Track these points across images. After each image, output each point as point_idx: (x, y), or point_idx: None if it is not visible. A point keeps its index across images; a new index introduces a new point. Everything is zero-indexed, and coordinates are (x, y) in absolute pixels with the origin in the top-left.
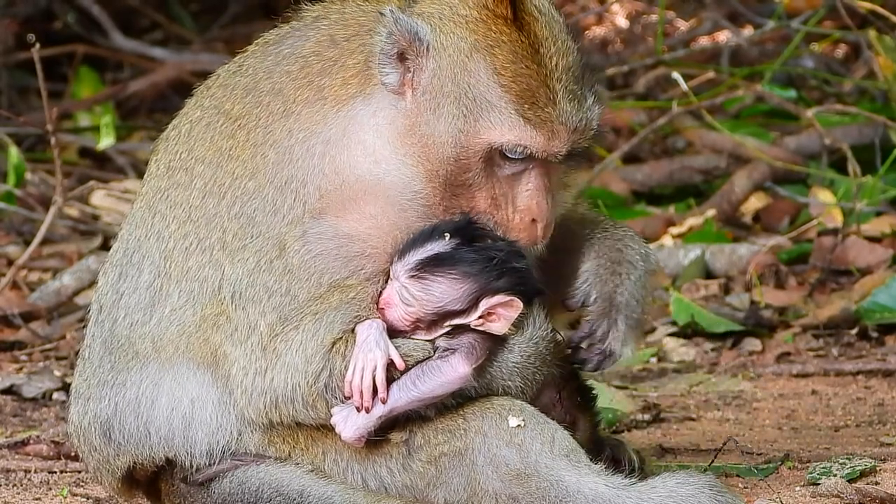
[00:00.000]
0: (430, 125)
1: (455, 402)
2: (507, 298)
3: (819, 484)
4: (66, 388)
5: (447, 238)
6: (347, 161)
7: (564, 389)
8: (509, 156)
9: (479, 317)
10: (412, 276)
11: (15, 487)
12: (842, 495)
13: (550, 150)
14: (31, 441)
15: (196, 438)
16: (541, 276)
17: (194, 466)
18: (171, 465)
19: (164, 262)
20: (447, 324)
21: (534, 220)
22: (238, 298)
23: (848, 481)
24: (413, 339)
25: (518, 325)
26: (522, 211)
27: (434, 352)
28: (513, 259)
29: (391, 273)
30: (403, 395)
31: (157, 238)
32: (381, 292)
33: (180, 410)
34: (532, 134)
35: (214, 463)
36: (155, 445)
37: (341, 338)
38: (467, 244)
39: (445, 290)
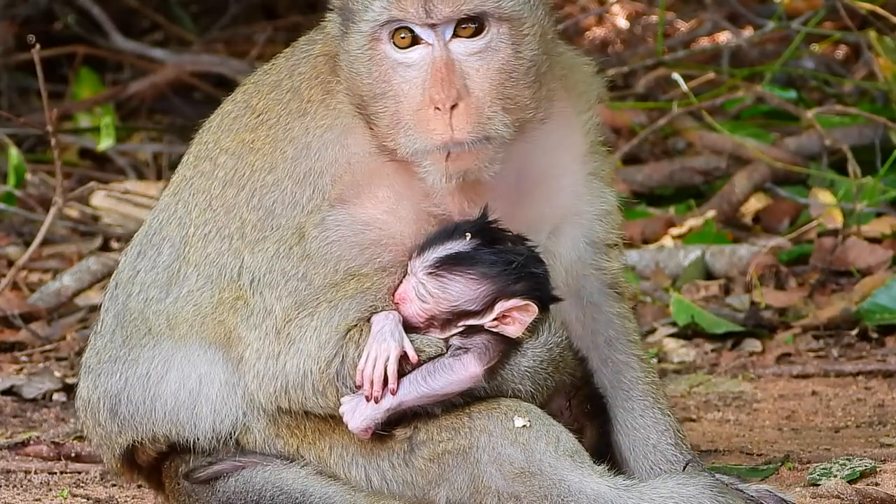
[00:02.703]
0: (344, 54)
1: (463, 401)
2: (524, 302)
3: (819, 485)
4: (66, 388)
5: (468, 238)
6: (359, 144)
7: (575, 397)
8: (393, 43)
9: (494, 319)
10: (430, 273)
11: (15, 488)
12: (842, 496)
13: (409, 9)
14: (32, 442)
15: (201, 415)
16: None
17: (198, 448)
18: (174, 453)
19: (184, 246)
20: (461, 323)
21: (437, 109)
22: (256, 284)
23: (848, 482)
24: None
25: (533, 329)
26: (422, 102)
27: (447, 349)
28: (531, 264)
29: (409, 268)
30: (413, 389)
31: (178, 224)
32: (397, 285)
33: (188, 386)
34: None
35: (218, 445)
36: (159, 420)
37: (356, 325)
38: (488, 245)
39: (462, 290)
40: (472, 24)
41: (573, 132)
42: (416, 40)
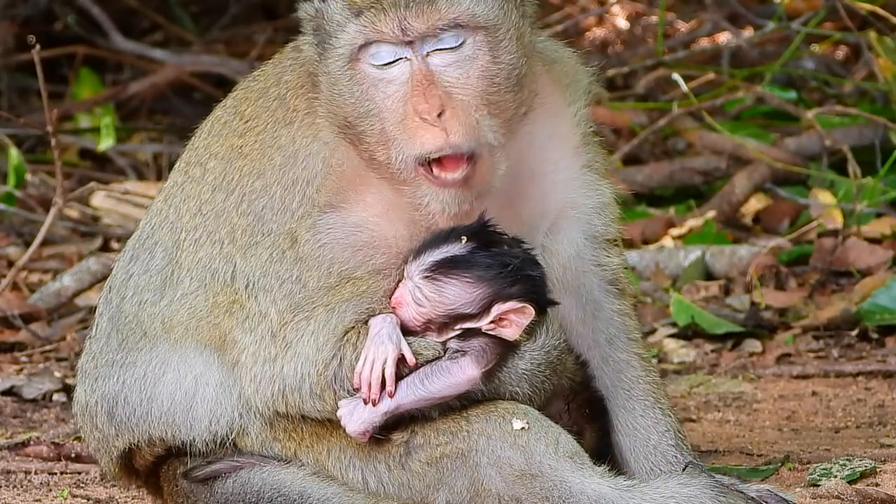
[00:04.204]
0: (324, 76)
1: (460, 404)
2: (520, 305)
3: (819, 485)
4: (66, 389)
5: (464, 241)
6: (345, 154)
7: (574, 401)
8: (372, 62)
9: (491, 322)
10: (426, 277)
11: (15, 489)
12: (842, 497)
13: (384, 29)
14: (32, 442)
15: (197, 416)
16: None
17: (196, 448)
18: (171, 457)
19: (176, 250)
20: (458, 326)
21: (423, 119)
22: (251, 288)
23: (848, 482)
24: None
25: (530, 332)
26: (408, 114)
27: (444, 353)
28: (528, 266)
29: (405, 272)
30: (410, 392)
31: (170, 228)
32: (394, 289)
33: (184, 387)
34: (363, 21)
35: (215, 447)
36: (155, 422)
37: (353, 328)
38: (484, 248)
39: (458, 293)
40: (450, 36)
41: (563, 125)
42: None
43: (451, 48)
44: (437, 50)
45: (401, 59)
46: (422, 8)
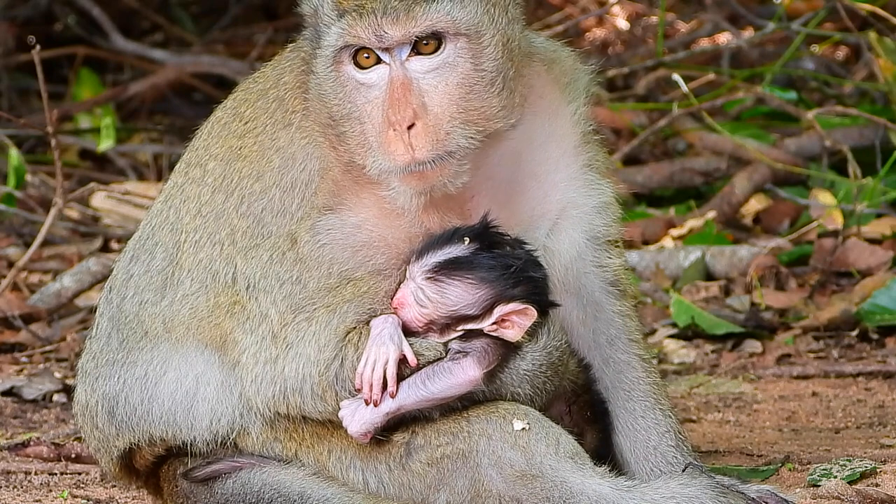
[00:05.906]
0: (313, 76)
1: (461, 405)
2: (522, 306)
3: (819, 486)
4: (66, 389)
5: (467, 242)
6: (341, 155)
7: (575, 403)
8: (357, 64)
9: (493, 323)
10: (428, 278)
11: (15, 489)
12: (842, 497)
13: (361, 35)
14: (32, 443)
15: (198, 415)
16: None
17: (196, 448)
18: (172, 457)
19: (177, 251)
20: (460, 327)
21: (394, 130)
22: (252, 289)
23: (848, 483)
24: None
25: (532, 333)
26: (381, 124)
27: (446, 353)
28: (530, 268)
29: (407, 273)
30: (413, 393)
31: (170, 229)
32: (395, 290)
33: (185, 386)
34: (343, 23)
35: (216, 447)
36: (156, 421)
37: (354, 329)
38: (486, 250)
39: (461, 295)
40: (432, 41)
41: (562, 124)
42: (379, 59)
43: (430, 55)
44: (420, 54)
45: (381, 63)
46: (398, 15)
